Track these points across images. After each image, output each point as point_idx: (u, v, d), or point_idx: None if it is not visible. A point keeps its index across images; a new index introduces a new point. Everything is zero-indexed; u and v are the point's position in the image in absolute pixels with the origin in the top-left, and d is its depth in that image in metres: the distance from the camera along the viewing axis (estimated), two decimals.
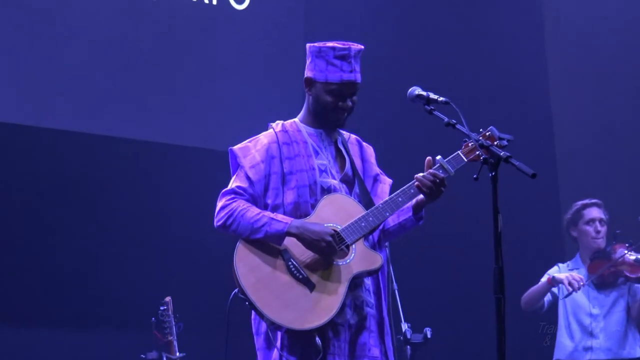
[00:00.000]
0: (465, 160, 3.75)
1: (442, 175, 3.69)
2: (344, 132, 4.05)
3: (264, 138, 3.91)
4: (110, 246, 6.46)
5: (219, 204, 3.83)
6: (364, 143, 4.09)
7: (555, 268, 6.07)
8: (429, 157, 3.76)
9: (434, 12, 7.70)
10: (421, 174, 3.70)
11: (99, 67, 6.35)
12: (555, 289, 6.15)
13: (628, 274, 5.84)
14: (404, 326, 4.96)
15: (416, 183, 3.71)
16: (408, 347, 4.97)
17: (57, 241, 6.32)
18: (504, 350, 3.24)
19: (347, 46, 3.87)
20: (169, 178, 6.60)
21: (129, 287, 6.31)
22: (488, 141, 3.58)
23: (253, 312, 3.74)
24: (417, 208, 3.81)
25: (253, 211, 3.78)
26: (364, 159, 4.04)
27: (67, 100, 6.34)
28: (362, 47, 3.92)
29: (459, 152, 3.74)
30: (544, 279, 6.01)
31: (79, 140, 6.32)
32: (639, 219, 5.90)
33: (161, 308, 5.61)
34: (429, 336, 4.86)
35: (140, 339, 5.83)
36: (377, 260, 3.82)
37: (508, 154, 3.44)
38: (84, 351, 6.36)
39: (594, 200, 6.09)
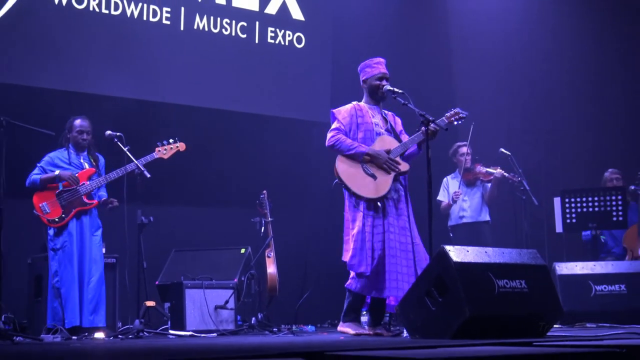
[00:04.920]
0: (446, 121, 5.07)
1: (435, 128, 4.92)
2: (385, 110, 5.33)
3: (348, 106, 5.28)
4: (241, 167, 8.21)
5: (329, 135, 5.16)
6: (395, 116, 5.41)
7: (445, 179, 7.88)
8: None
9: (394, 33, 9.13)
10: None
11: (240, 75, 8.06)
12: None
13: (482, 178, 7.77)
14: None
15: (421, 132, 5.01)
16: None
17: (211, 166, 8.17)
18: (431, 217, 4.63)
19: (379, 58, 5.24)
20: (275, 130, 8.36)
21: (249, 186, 7.98)
22: (424, 114, 4.77)
23: (346, 191, 5.10)
24: (419, 144, 5.19)
25: (348, 140, 5.12)
26: (395, 123, 5.37)
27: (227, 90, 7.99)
28: (385, 59, 5.26)
29: (443, 117, 5.09)
30: (443, 201, 7.53)
31: (232, 116, 8.13)
32: (499, 150, 7.78)
33: (261, 196, 7.38)
34: None
35: (250, 211, 7.51)
36: (406, 166, 5.21)
37: (433, 118, 4.85)
38: (218, 219, 8.17)
39: (464, 143, 7.74)
